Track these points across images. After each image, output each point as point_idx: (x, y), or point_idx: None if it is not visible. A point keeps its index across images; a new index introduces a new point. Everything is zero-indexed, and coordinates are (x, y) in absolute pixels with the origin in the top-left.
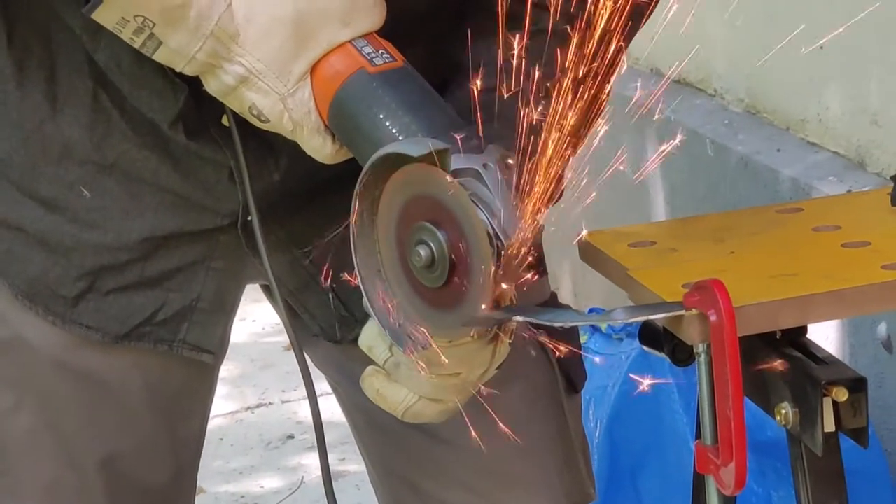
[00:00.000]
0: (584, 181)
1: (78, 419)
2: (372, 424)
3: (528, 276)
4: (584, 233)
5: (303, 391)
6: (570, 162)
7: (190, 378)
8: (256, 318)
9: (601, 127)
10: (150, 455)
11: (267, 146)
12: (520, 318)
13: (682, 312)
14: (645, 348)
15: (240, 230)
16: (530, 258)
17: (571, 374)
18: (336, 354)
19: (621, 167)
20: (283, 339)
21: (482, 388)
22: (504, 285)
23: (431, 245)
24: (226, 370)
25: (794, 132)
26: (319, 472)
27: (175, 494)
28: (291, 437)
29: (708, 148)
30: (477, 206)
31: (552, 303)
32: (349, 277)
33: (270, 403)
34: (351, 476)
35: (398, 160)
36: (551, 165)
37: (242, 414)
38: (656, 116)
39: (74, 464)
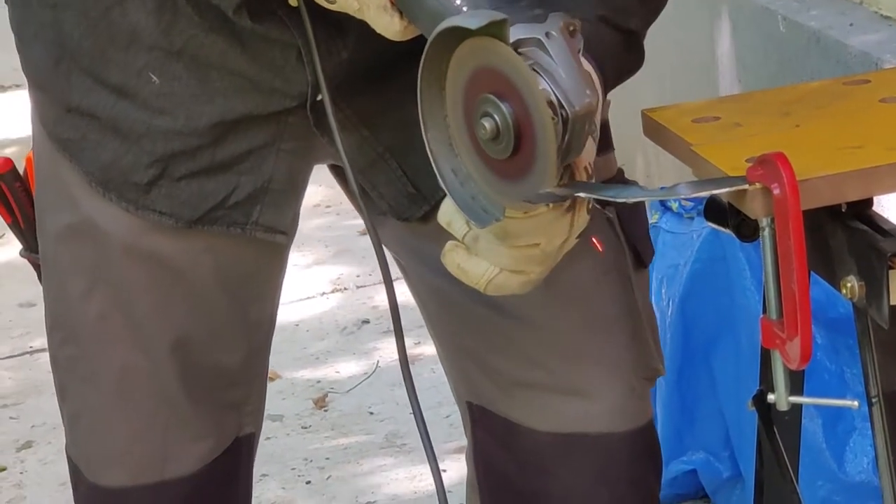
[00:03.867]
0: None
1: (149, 303)
2: (441, 302)
3: (594, 150)
4: (647, 108)
5: (378, 276)
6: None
7: (261, 260)
8: (331, 205)
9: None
10: (221, 338)
11: (335, 26)
12: (583, 194)
13: (746, 186)
14: (710, 224)
15: (308, 111)
16: (596, 133)
17: (639, 249)
18: (405, 233)
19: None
20: (357, 224)
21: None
22: (570, 156)
23: (496, 117)
24: (300, 256)
25: (867, 5)
26: (394, 357)
27: (246, 377)
28: (367, 321)
29: (779, 24)
30: (539, 75)
31: (619, 179)
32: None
33: (345, 289)
34: (426, 359)
35: (460, 33)
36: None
37: (318, 300)
38: None
39: (146, 347)
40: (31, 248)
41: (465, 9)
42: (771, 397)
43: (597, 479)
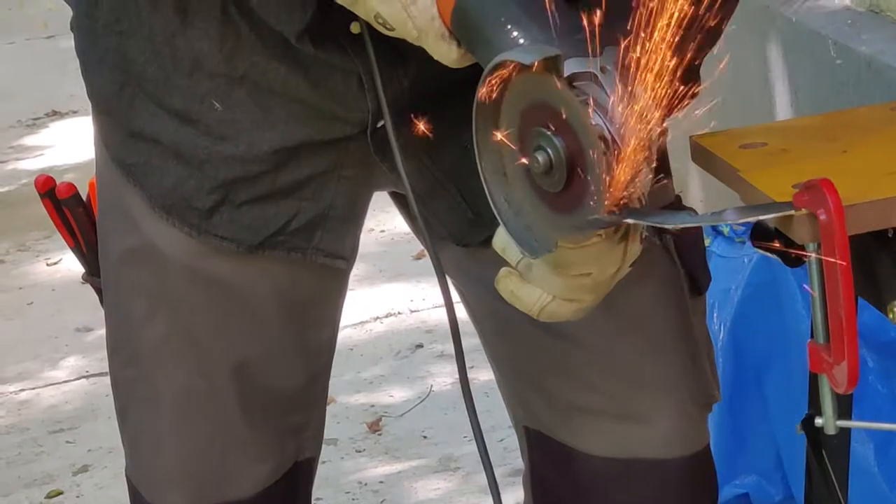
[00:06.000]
0: (708, 83)
1: (209, 327)
2: (498, 326)
3: (649, 179)
4: (695, 135)
5: (432, 300)
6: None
7: (321, 286)
8: (385, 229)
9: (726, 27)
10: (280, 363)
11: (396, 53)
12: (631, 220)
13: (792, 212)
14: (758, 250)
15: (369, 137)
16: (652, 162)
17: (696, 276)
18: (464, 258)
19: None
20: (412, 248)
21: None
22: (621, 190)
23: (549, 150)
24: (355, 280)
25: None
26: (448, 381)
27: (306, 402)
28: (420, 346)
29: (830, 48)
30: (593, 109)
31: (676, 206)
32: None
33: (399, 313)
34: (480, 384)
35: (516, 67)
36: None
37: (371, 324)
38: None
39: (206, 371)
40: (92, 273)
41: (521, 41)
42: (819, 421)
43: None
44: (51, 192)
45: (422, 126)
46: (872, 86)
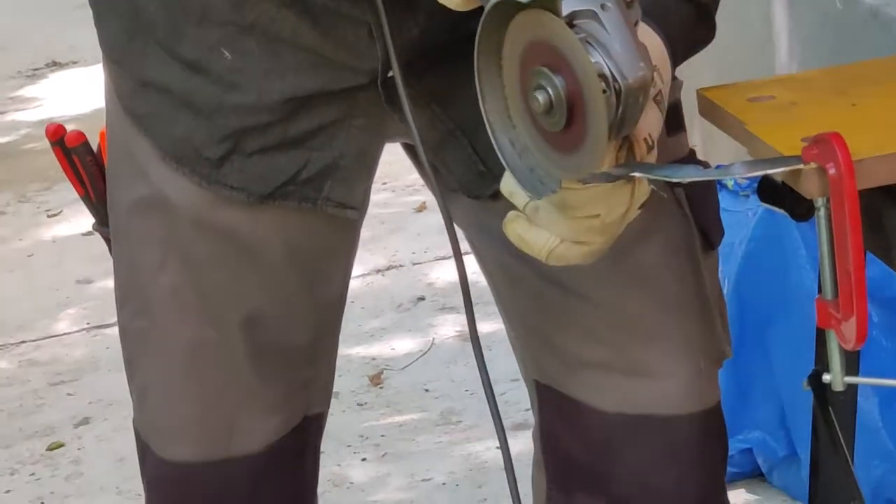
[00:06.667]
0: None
1: (219, 278)
2: (510, 280)
3: (660, 123)
4: (702, 88)
5: (434, 253)
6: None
7: (331, 237)
8: (387, 182)
9: None
10: (291, 315)
11: (406, 2)
12: (637, 174)
13: (801, 166)
14: (764, 204)
15: (380, 87)
16: (662, 104)
17: (708, 230)
18: (475, 210)
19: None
20: (413, 200)
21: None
22: (625, 129)
23: (549, 90)
24: None
25: None
26: (450, 334)
27: (316, 355)
28: (422, 298)
29: (836, 0)
30: (593, 47)
31: (690, 159)
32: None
33: (401, 266)
34: (483, 337)
35: (514, 6)
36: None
37: (373, 277)
38: None
39: (216, 322)
40: (102, 222)
41: None
42: (826, 377)
43: (663, 461)
44: (61, 140)
45: (432, 76)
46: (879, 38)
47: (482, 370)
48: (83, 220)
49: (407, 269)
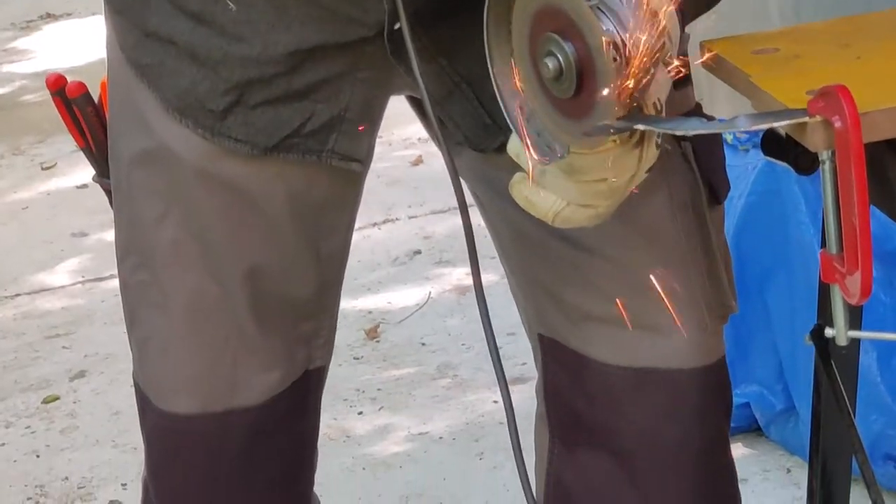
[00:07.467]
0: None
1: (222, 230)
2: (515, 234)
3: (668, 83)
4: (705, 40)
5: (430, 206)
6: None
7: (335, 190)
8: (382, 135)
9: None
10: (292, 269)
11: None
12: (641, 126)
13: (806, 119)
14: (767, 158)
15: (386, 40)
16: (671, 65)
17: (714, 184)
18: (481, 164)
19: None
20: (410, 154)
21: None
22: (632, 96)
23: (559, 56)
24: None
25: None
26: (447, 288)
27: (317, 310)
28: (419, 252)
29: None
30: (604, 14)
31: (696, 112)
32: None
33: (397, 219)
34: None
35: None
36: None
37: (369, 230)
38: None
39: (218, 275)
40: (102, 174)
41: None
42: (829, 332)
43: (666, 415)
44: (61, 90)
45: (438, 29)
46: None
47: (486, 324)
48: (78, 172)
49: (403, 222)
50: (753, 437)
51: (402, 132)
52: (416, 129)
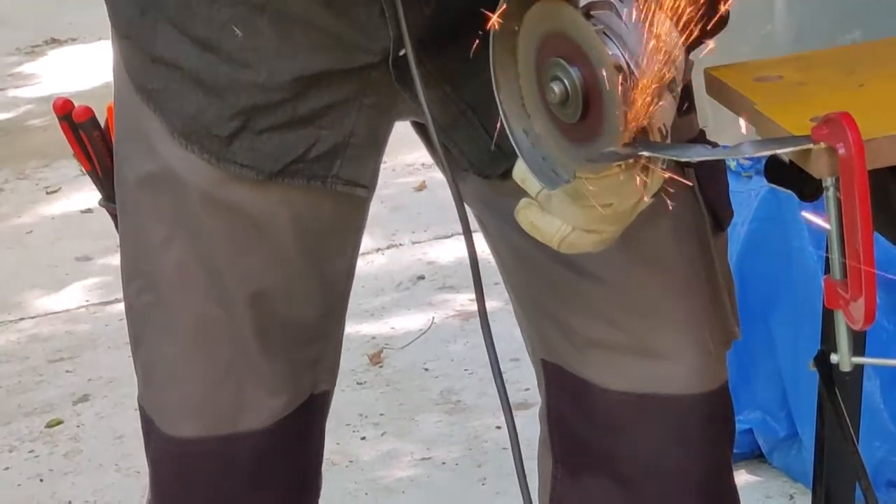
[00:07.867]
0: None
1: (227, 255)
2: (519, 259)
3: (672, 110)
4: (709, 67)
5: (433, 232)
6: None
7: (340, 215)
8: (387, 160)
9: None
10: (298, 293)
11: None
12: (646, 153)
13: (811, 146)
14: (771, 184)
15: (391, 66)
16: (676, 92)
17: (718, 211)
18: (486, 190)
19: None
20: (414, 179)
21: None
22: (638, 122)
23: (565, 81)
24: None
25: None
26: (450, 314)
27: (323, 333)
28: (422, 277)
29: None
30: (610, 39)
31: (700, 140)
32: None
33: (401, 245)
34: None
35: None
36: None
37: (373, 255)
38: None
39: (223, 299)
40: (108, 198)
41: None
42: (833, 358)
43: (669, 441)
44: (68, 115)
45: (443, 56)
46: (883, 18)
47: (490, 349)
48: (82, 196)
49: (407, 248)
50: (756, 463)
51: (405, 158)
52: (420, 154)
